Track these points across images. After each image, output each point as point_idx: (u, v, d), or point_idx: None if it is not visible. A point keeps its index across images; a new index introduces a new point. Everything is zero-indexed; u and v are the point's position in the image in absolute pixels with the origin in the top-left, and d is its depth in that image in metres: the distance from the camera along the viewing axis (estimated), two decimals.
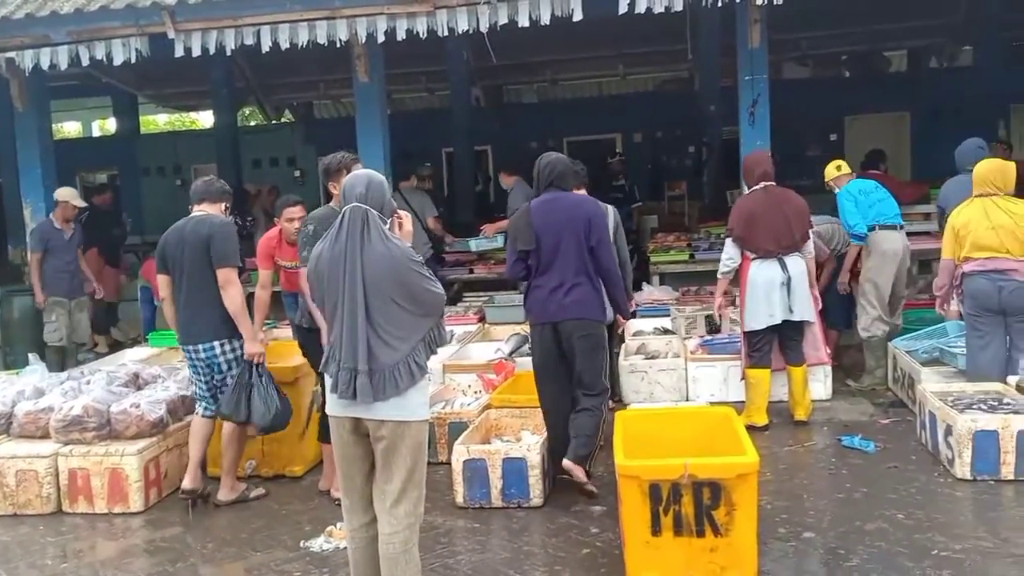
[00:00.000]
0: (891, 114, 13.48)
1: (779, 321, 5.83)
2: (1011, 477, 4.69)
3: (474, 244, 9.37)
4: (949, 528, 4.20)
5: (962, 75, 13.56)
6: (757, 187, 5.96)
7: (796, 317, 5.84)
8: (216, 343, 4.99)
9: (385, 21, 7.00)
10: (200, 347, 5.01)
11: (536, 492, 4.69)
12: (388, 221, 3.37)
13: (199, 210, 5.10)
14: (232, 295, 4.90)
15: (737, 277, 6.08)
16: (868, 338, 6.75)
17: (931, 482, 4.81)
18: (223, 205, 5.16)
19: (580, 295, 4.78)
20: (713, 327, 7.07)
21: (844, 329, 7.50)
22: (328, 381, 3.41)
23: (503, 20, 6.80)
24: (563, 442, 4.79)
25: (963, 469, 4.76)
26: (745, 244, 5.90)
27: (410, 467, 3.36)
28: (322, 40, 7.13)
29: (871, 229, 6.68)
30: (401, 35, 7.02)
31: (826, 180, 7.10)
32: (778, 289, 5.80)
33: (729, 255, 5.99)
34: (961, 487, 4.70)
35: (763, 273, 5.84)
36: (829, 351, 6.67)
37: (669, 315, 7.90)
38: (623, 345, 6.91)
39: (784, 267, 5.81)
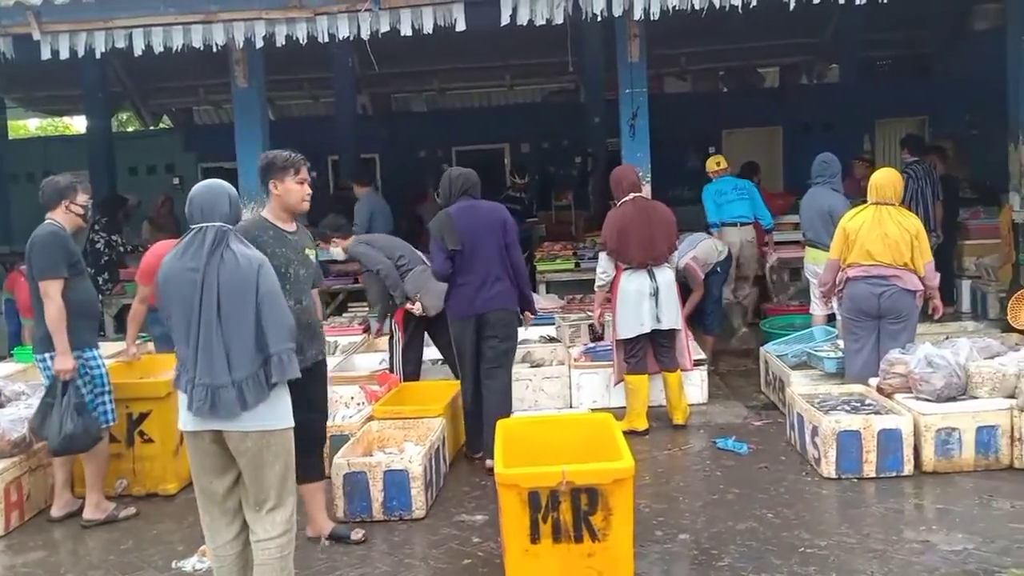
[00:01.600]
0: (765, 128, 14.02)
1: (648, 330, 6.00)
2: (873, 475, 4.92)
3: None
4: (815, 525, 4.37)
5: (829, 91, 14.25)
6: (627, 199, 6.09)
7: (664, 326, 6.03)
8: (42, 356, 4.80)
9: (264, 26, 6.83)
10: (36, 359, 4.87)
11: (418, 504, 4.65)
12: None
13: (48, 218, 4.87)
14: (48, 308, 4.67)
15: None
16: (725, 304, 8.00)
17: (799, 481, 4.99)
18: (65, 204, 4.85)
19: (502, 288, 5.40)
20: (595, 335, 7.18)
21: (719, 333, 7.77)
22: (182, 397, 3.33)
23: (385, 28, 6.74)
24: (478, 430, 5.46)
25: (828, 468, 4.96)
26: (619, 257, 6.04)
27: (281, 474, 3.40)
28: (198, 44, 6.91)
29: (721, 224, 8.24)
30: (280, 41, 6.87)
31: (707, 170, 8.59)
32: (647, 299, 5.97)
33: (603, 269, 6.15)
34: (827, 485, 4.90)
35: (633, 284, 5.99)
36: (706, 356, 6.91)
37: (554, 323, 7.98)
38: None
39: (652, 277, 5.98)
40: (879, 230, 5.60)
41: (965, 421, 4.91)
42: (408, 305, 6.16)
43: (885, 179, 5.77)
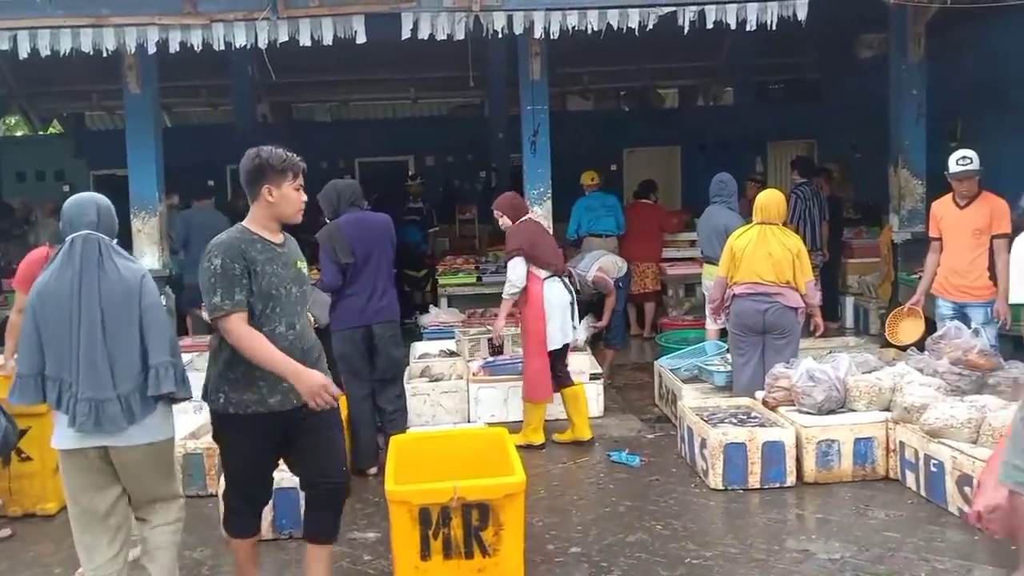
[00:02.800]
0: (664, 147, 14.35)
1: (570, 340, 6.07)
2: (757, 486, 5.06)
3: None
4: (701, 536, 4.47)
5: (724, 113, 14.69)
6: (524, 219, 6.11)
7: (580, 337, 6.14)
8: None
9: (157, 32, 6.64)
10: None
11: None
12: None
13: None
14: None
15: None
16: None
17: (688, 493, 5.10)
18: None
19: (390, 299, 5.50)
20: (495, 348, 7.20)
21: (621, 347, 7.90)
22: (60, 416, 3.23)
23: (283, 37, 6.64)
24: (372, 443, 5.50)
25: (716, 479, 5.08)
26: (536, 261, 5.91)
27: (168, 477, 3.53)
28: (87, 49, 6.67)
29: (583, 235, 9.13)
30: (174, 47, 6.69)
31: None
32: (568, 308, 6.03)
33: (519, 274, 5.86)
34: (714, 497, 5.01)
35: (555, 293, 5.96)
36: (603, 369, 7.02)
37: (454, 337, 7.97)
38: (407, 368, 6.89)
39: (567, 288, 6.04)
40: (763, 249, 5.79)
41: (844, 433, 5.11)
42: None
43: (769, 200, 5.98)
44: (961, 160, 5.79)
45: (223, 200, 11.07)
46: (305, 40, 6.66)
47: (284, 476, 4.63)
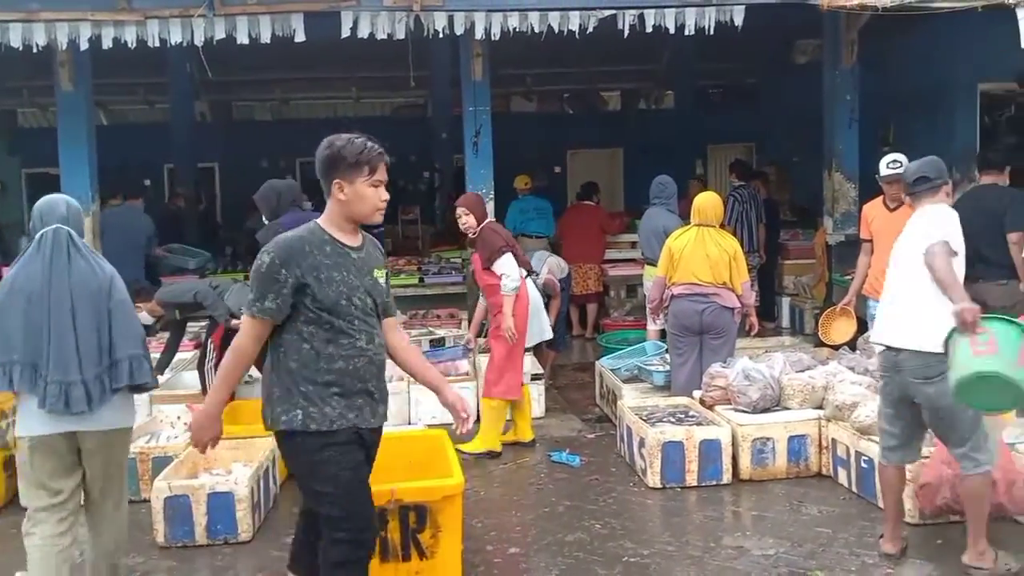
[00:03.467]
0: (607, 149, 14.47)
1: (545, 339, 6.34)
2: (695, 483, 5.11)
3: (193, 263, 8.98)
4: (639, 534, 4.50)
5: (665, 116, 14.86)
6: (490, 219, 6.11)
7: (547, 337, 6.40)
8: None
9: (89, 28, 6.47)
10: None
11: (244, 527, 4.46)
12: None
13: None
14: None
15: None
16: None
17: (627, 492, 5.13)
18: None
19: None
20: (437, 341, 7.16)
21: (562, 348, 7.92)
22: (29, 399, 3.36)
23: (220, 35, 6.52)
24: None
25: (654, 478, 5.12)
26: (517, 260, 5.85)
27: (122, 470, 3.71)
28: (16, 44, 6.47)
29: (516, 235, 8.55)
30: (107, 44, 6.53)
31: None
32: (542, 307, 6.25)
33: (514, 268, 5.76)
34: (652, 495, 5.05)
35: (533, 291, 6.09)
36: (544, 370, 7.04)
37: None
38: None
39: (537, 287, 6.16)
40: (701, 251, 5.89)
41: (778, 431, 5.19)
42: (235, 322, 5.95)
43: (706, 203, 6.08)
44: (892, 164, 5.94)
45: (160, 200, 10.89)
46: (243, 38, 6.55)
47: (219, 480, 4.59)
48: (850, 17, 7.56)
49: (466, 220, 5.91)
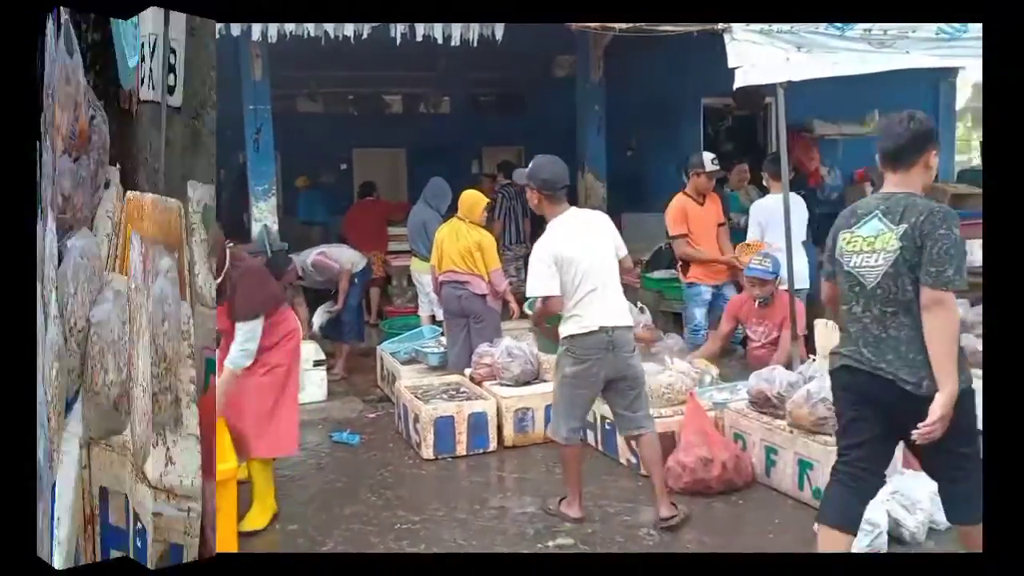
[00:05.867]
0: (391, 149, 14.36)
1: None
2: (464, 453, 5.21)
3: None
4: (412, 503, 4.51)
5: (443, 120, 14.97)
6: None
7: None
8: None
9: None
10: None
11: None
12: None
13: None
14: None
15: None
16: None
17: (403, 465, 5.14)
18: None
19: None
20: None
21: (358, 342, 7.68)
22: None
23: None
24: None
25: (428, 450, 5.17)
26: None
27: None
28: None
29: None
30: None
31: None
32: None
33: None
34: (426, 466, 5.09)
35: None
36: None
37: None
38: None
39: None
40: (457, 243, 6.11)
41: (536, 402, 5.38)
42: None
43: (462, 199, 6.35)
44: (714, 160, 6.44)
45: None
46: None
47: None
48: (596, 36, 7.95)
49: None
